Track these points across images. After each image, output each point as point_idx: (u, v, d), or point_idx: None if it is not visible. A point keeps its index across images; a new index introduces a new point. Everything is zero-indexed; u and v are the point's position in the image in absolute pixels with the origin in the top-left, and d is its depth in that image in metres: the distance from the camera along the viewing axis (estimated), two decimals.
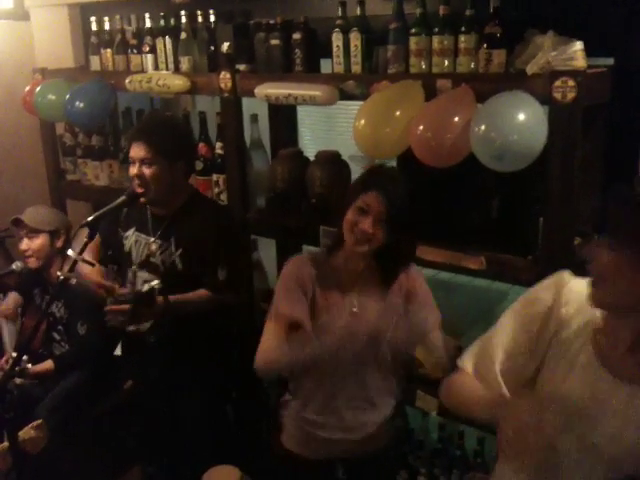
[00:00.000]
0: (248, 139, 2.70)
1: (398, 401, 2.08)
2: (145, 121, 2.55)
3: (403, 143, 2.00)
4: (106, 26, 3.00)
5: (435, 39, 2.05)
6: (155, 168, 2.21)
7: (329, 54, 2.30)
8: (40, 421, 2.50)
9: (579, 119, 1.78)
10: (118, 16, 2.98)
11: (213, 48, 2.62)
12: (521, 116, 1.76)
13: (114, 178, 3.08)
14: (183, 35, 2.68)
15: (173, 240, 2.28)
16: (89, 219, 2.12)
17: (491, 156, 1.80)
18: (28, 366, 2.61)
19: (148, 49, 2.81)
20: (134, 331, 2.18)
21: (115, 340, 2.74)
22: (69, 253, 2.14)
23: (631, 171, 1.97)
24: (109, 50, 2.98)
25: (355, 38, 2.21)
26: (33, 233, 2.78)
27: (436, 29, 2.05)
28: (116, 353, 2.31)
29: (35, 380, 2.67)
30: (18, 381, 2.58)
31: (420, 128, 1.93)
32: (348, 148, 2.41)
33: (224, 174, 2.66)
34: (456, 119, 1.88)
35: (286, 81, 2.36)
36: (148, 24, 2.84)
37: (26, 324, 2.94)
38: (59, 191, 3.31)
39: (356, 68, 2.25)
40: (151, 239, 2.32)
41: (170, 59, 2.76)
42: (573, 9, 2.00)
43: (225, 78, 2.50)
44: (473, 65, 2.01)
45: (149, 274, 2.28)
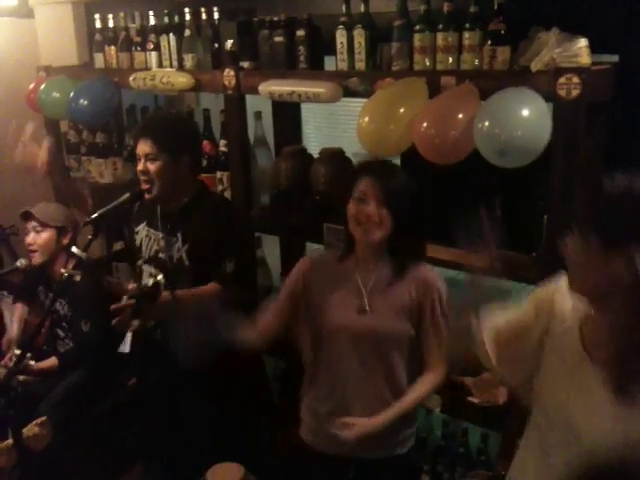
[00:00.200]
0: (252, 136, 2.69)
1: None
2: (149, 118, 2.57)
3: (407, 140, 2.00)
4: (110, 23, 3.01)
5: (439, 36, 2.05)
6: (159, 164, 2.21)
7: (333, 51, 2.30)
8: (44, 418, 2.51)
9: (583, 116, 1.78)
10: (122, 13, 2.97)
11: (217, 45, 2.62)
12: (525, 112, 1.76)
13: (118, 175, 3.08)
14: (187, 32, 2.68)
15: (180, 236, 2.28)
16: (93, 216, 2.13)
17: (495, 151, 1.80)
18: (32, 363, 2.61)
19: (152, 46, 2.81)
20: (139, 326, 2.18)
21: (119, 338, 2.74)
22: (74, 251, 2.14)
23: (633, 168, 1.96)
24: (113, 47, 2.98)
25: (359, 35, 2.21)
26: (41, 227, 2.79)
27: (440, 26, 2.04)
28: (125, 351, 2.30)
29: (39, 377, 2.68)
30: (22, 378, 2.59)
31: (424, 125, 1.92)
32: (352, 145, 2.40)
33: (228, 171, 2.66)
34: (460, 116, 1.88)
35: (290, 78, 2.36)
36: (152, 21, 2.84)
37: (30, 321, 2.95)
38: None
39: (360, 65, 2.24)
40: (160, 235, 2.32)
41: (174, 56, 2.76)
42: (577, 6, 1.99)
43: (229, 75, 2.50)
44: (477, 62, 2.00)
45: (155, 269, 2.28)
